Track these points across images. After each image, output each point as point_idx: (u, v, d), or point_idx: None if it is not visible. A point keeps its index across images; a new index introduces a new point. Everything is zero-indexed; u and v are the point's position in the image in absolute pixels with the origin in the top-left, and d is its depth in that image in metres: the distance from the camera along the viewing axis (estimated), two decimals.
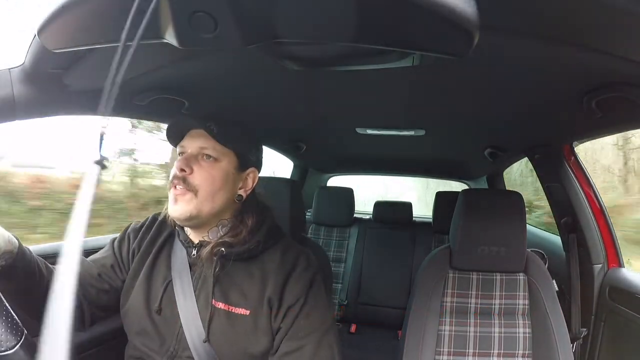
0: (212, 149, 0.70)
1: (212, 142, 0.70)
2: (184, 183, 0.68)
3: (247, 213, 0.75)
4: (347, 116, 1.16)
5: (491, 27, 0.45)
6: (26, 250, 0.63)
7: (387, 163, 2.16)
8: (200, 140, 0.71)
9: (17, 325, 0.53)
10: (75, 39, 0.41)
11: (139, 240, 0.80)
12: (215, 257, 0.70)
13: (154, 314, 0.71)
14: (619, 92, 0.66)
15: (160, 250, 0.78)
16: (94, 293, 0.73)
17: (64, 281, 0.25)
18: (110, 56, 0.29)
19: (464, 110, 1.00)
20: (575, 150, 1.30)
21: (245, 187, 0.76)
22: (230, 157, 0.72)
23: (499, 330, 1.03)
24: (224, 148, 0.71)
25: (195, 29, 0.34)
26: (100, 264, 0.77)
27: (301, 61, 0.59)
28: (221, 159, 0.71)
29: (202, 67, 0.74)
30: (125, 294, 0.75)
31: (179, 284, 0.72)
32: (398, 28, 0.33)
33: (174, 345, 0.70)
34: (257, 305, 0.69)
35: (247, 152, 0.75)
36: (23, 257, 0.61)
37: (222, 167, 0.71)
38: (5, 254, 0.57)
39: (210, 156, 0.70)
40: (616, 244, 1.30)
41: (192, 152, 0.71)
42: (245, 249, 0.71)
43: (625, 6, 0.40)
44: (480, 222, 1.06)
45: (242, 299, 0.69)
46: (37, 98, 0.67)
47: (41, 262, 0.67)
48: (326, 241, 2.16)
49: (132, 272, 0.76)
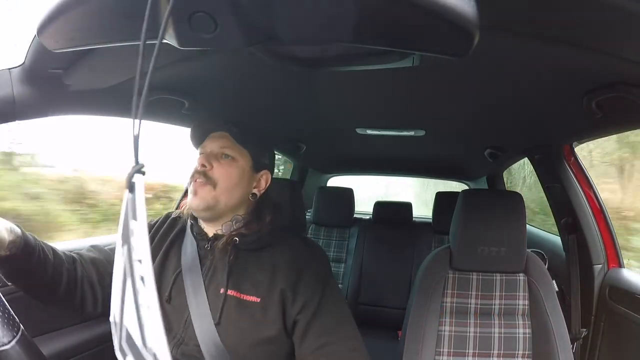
0: (230, 148, 0.77)
1: (231, 143, 0.78)
2: (204, 177, 0.74)
3: (264, 210, 0.82)
4: (347, 116, 1.16)
5: (491, 27, 0.45)
6: (30, 237, 0.66)
7: (387, 163, 2.17)
8: (221, 140, 0.78)
9: (13, 320, 0.52)
10: (75, 39, 0.41)
11: (152, 234, 0.85)
12: (229, 246, 0.75)
13: (164, 302, 0.76)
14: (619, 92, 0.66)
15: (171, 244, 0.82)
16: (108, 279, 0.77)
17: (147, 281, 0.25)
18: (110, 56, 0.29)
19: (464, 110, 1.00)
20: (575, 150, 1.30)
21: (259, 187, 0.82)
22: (246, 157, 0.79)
23: (499, 330, 1.03)
24: (242, 149, 0.78)
25: (195, 29, 0.34)
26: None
27: (301, 61, 0.59)
28: (238, 158, 0.78)
29: (202, 68, 0.74)
30: None
31: (188, 275, 0.76)
32: (398, 28, 0.33)
33: (181, 333, 0.73)
34: (267, 295, 0.72)
35: (262, 155, 0.82)
36: (27, 245, 0.64)
37: (239, 166, 0.78)
38: (10, 243, 0.60)
39: (228, 155, 0.77)
40: (616, 244, 1.30)
41: (212, 150, 0.78)
42: (257, 238, 0.77)
43: (625, 6, 0.40)
44: (480, 222, 1.06)
45: (253, 288, 0.73)
46: (37, 98, 0.68)
47: (48, 248, 0.70)
48: (326, 241, 2.16)
49: None
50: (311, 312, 0.72)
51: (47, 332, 0.93)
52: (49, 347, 0.90)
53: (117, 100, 0.82)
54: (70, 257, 0.75)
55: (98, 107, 0.85)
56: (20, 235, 0.63)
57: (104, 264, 0.79)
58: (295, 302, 0.72)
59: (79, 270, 0.75)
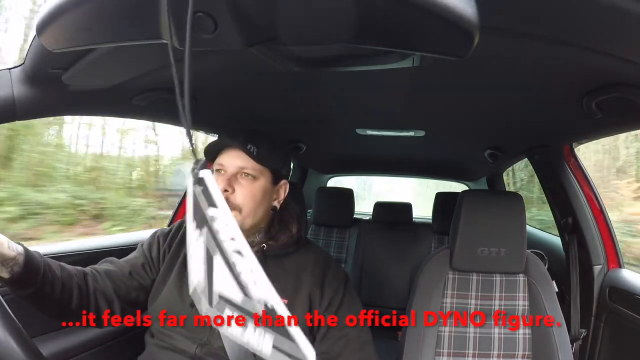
0: (251, 168, 0.76)
1: (251, 162, 0.76)
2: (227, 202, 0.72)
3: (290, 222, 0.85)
4: (347, 117, 1.16)
5: (491, 27, 0.45)
6: (35, 255, 0.63)
7: (387, 164, 2.16)
8: (239, 159, 0.76)
9: (12, 321, 0.52)
10: (75, 39, 0.41)
11: (169, 242, 0.86)
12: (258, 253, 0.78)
13: (188, 307, 0.75)
14: (619, 92, 0.66)
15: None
16: (125, 289, 0.79)
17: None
18: (110, 56, 0.29)
19: (464, 111, 1.00)
20: (575, 151, 1.30)
21: (279, 197, 0.84)
22: (266, 174, 0.79)
23: (499, 331, 1.03)
24: (262, 167, 0.77)
25: (195, 29, 0.34)
26: (131, 264, 0.83)
27: (301, 62, 0.59)
28: (259, 177, 0.77)
29: (202, 68, 0.74)
30: (157, 290, 0.81)
31: None
32: (398, 29, 0.33)
33: (207, 335, 0.75)
34: (293, 297, 0.76)
35: (281, 168, 0.83)
36: (31, 263, 0.62)
37: (260, 184, 0.78)
38: (8, 261, 0.58)
39: (249, 174, 0.76)
40: (616, 244, 1.30)
41: (231, 171, 0.76)
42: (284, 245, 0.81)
43: (625, 7, 0.40)
44: (480, 223, 1.06)
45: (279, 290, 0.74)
46: (37, 98, 0.67)
47: (54, 264, 0.69)
48: (326, 242, 2.16)
49: (164, 270, 0.83)
50: (335, 307, 0.78)
51: (47, 332, 0.93)
52: (49, 347, 0.89)
53: (117, 100, 0.82)
54: (80, 272, 0.74)
55: (98, 107, 0.85)
56: (21, 252, 0.60)
57: (118, 274, 0.79)
58: (322, 300, 0.78)
59: (91, 283, 0.74)
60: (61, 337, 0.94)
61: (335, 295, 0.79)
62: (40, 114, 0.73)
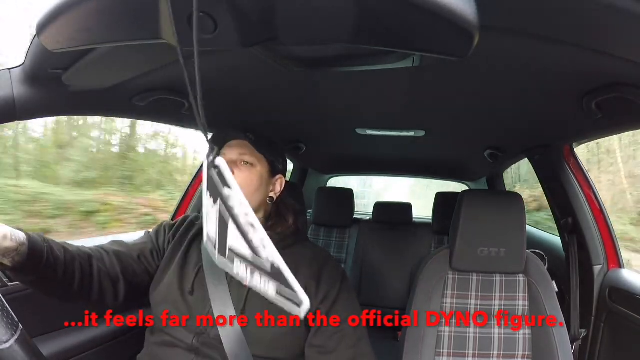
0: (249, 155, 0.82)
1: (250, 150, 0.82)
2: None
3: (286, 213, 0.88)
4: (347, 117, 1.16)
5: (491, 27, 0.45)
6: (37, 242, 0.63)
7: (387, 164, 2.16)
8: (239, 147, 0.83)
9: (12, 320, 0.52)
10: (75, 39, 0.41)
11: (173, 232, 0.90)
12: None
13: (187, 294, 0.79)
14: (619, 92, 0.66)
15: (192, 242, 0.87)
16: (131, 272, 0.82)
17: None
18: (110, 56, 0.29)
19: (464, 111, 1.00)
20: (575, 151, 1.30)
21: (275, 190, 0.88)
22: (263, 163, 0.84)
23: (499, 331, 1.03)
24: (259, 155, 0.83)
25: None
26: (139, 248, 0.86)
27: (301, 62, 0.59)
28: (256, 164, 0.83)
29: (202, 68, 0.74)
30: (159, 278, 0.83)
31: (210, 268, 0.80)
32: (398, 29, 0.33)
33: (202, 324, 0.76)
34: None
35: (276, 160, 0.88)
36: (34, 251, 0.62)
37: (257, 171, 0.83)
38: (10, 252, 0.58)
39: (247, 162, 0.82)
40: (616, 245, 1.30)
41: (232, 158, 0.82)
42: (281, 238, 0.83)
43: (625, 7, 0.40)
44: (480, 223, 1.06)
45: None
46: (37, 98, 0.67)
47: (57, 246, 0.68)
48: (326, 242, 2.16)
49: (166, 259, 0.86)
50: (331, 302, 0.78)
51: (47, 332, 0.93)
52: (49, 347, 0.89)
53: (117, 100, 0.82)
54: (84, 254, 0.74)
55: (98, 107, 0.85)
56: (23, 242, 0.60)
57: (127, 257, 0.82)
58: (318, 293, 0.78)
59: (95, 265, 0.75)
60: (61, 337, 0.94)
61: (331, 289, 0.79)
62: (40, 114, 0.73)
